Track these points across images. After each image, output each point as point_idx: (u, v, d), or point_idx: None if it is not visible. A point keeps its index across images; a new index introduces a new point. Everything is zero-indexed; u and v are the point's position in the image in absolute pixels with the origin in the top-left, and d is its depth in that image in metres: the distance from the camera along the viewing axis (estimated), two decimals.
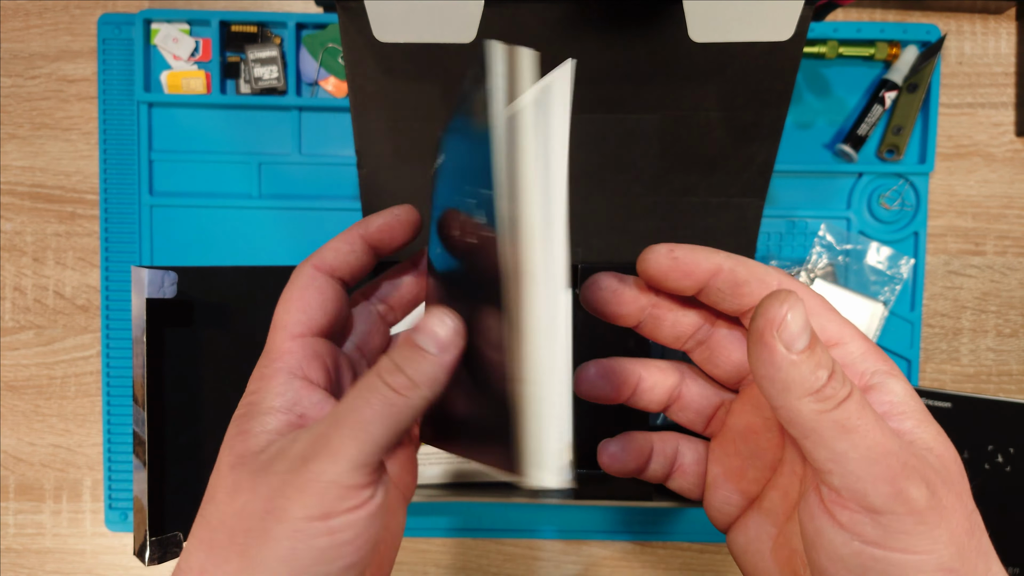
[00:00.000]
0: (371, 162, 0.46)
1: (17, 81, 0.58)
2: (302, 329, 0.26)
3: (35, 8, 0.58)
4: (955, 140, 0.58)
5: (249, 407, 0.26)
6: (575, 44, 0.41)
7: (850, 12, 0.57)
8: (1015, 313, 0.58)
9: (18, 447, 0.60)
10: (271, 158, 0.57)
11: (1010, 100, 0.58)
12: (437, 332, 0.24)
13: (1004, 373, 0.58)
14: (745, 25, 0.35)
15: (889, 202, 0.57)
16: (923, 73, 0.55)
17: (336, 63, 0.56)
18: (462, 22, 0.35)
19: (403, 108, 0.44)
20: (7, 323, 0.59)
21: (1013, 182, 0.58)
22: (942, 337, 0.58)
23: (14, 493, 0.60)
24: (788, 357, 0.21)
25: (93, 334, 0.59)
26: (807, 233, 0.57)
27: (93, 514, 0.60)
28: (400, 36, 0.36)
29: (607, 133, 0.45)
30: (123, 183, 0.57)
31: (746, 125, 0.44)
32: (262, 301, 0.45)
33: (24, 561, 0.60)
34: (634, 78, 0.43)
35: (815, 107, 0.57)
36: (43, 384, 0.59)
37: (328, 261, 0.27)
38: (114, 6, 0.58)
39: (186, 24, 0.56)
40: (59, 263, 0.59)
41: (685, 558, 0.59)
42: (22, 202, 0.59)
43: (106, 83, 0.57)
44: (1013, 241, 0.58)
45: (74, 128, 0.58)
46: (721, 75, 0.43)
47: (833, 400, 0.21)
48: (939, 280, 0.58)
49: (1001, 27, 0.58)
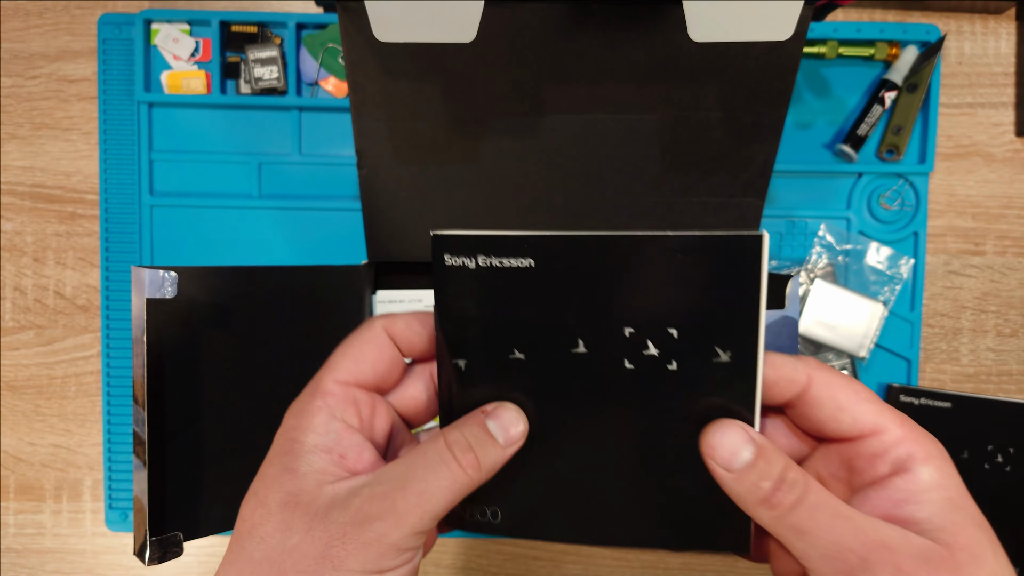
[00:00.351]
0: (371, 162, 0.46)
1: (17, 81, 0.58)
2: (348, 377, 0.27)
3: (35, 8, 0.58)
4: (955, 140, 0.58)
5: (291, 443, 0.26)
6: (575, 44, 0.41)
7: (850, 12, 0.57)
8: (1015, 313, 0.58)
9: (18, 447, 0.60)
10: (271, 158, 0.57)
11: (1010, 100, 0.58)
12: (510, 428, 0.26)
13: (1004, 373, 0.58)
14: (745, 25, 0.35)
15: (889, 202, 0.57)
16: (923, 73, 0.55)
17: (336, 63, 0.56)
18: (462, 22, 0.35)
19: (403, 108, 0.44)
20: (7, 323, 0.59)
21: (1013, 182, 0.58)
22: (942, 337, 0.58)
23: (14, 493, 0.60)
24: (727, 475, 0.24)
25: (93, 334, 0.59)
26: (807, 233, 0.57)
27: (93, 514, 0.60)
28: (400, 36, 0.36)
29: (607, 132, 0.45)
30: (123, 183, 0.57)
31: (746, 125, 0.44)
32: (262, 301, 0.45)
33: (24, 561, 0.60)
34: (634, 78, 0.43)
35: (815, 107, 0.57)
36: (43, 384, 0.59)
37: (398, 328, 0.28)
38: (114, 6, 0.58)
39: (186, 24, 0.56)
40: (59, 263, 0.59)
41: (685, 558, 0.59)
42: (22, 202, 0.59)
43: (106, 83, 0.57)
44: (1013, 241, 0.58)
45: (74, 128, 0.58)
46: (721, 75, 0.43)
47: (782, 507, 0.23)
48: (939, 280, 0.58)
49: (1001, 27, 0.58)
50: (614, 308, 0.25)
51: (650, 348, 0.25)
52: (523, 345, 0.26)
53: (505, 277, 0.26)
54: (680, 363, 0.25)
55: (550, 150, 0.45)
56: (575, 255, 0.25)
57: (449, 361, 0.27)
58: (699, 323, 0.25)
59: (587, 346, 0.26)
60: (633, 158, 0.46)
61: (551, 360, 0.26)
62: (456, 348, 0.27)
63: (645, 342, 0.25)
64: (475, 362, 0.27)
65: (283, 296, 0.46)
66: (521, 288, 0.26)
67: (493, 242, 0.25)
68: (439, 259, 0.26)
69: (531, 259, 0.25)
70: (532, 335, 0.26)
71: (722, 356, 0.24)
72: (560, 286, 0.25)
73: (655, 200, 0.47)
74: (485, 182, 0.47)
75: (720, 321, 0.24)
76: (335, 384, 0.27)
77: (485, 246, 0.25)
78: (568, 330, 0.26)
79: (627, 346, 0.25)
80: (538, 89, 0.43)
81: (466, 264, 0.26)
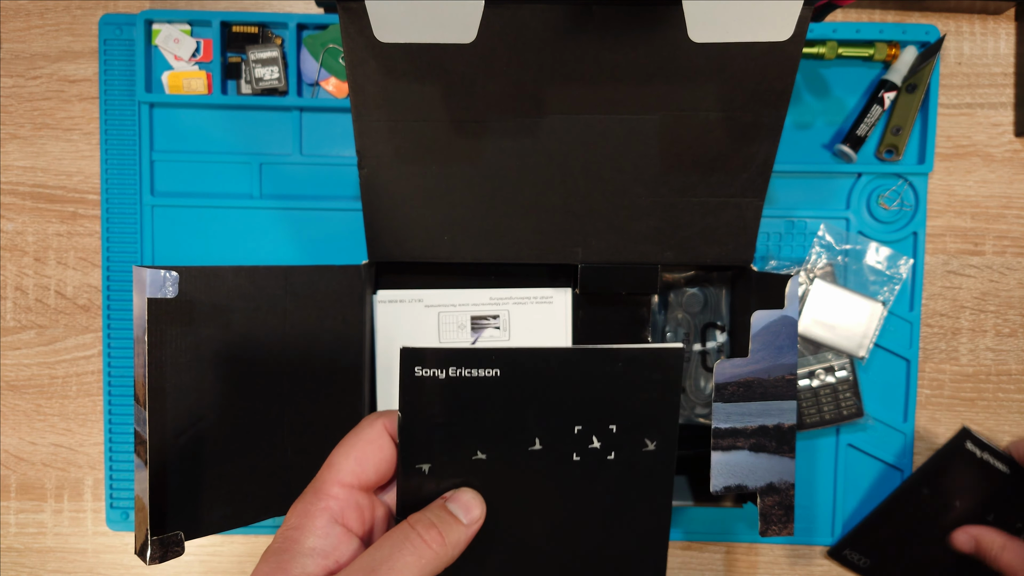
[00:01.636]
0: (372, 162, 0.46)
1: (18, 81, 0.59)
2: (352, 480, 0.28)
3: (36, 8, 0.59)
4: (954, 140, 0.58)
5: (289, 543, 0.27)
6: (575, 45, 0.42)
7: (849, 13, 0.58)
8: (1014, 313, 0.58)
9: (19, 446, 0.60)
10: (272, 158, 0.57)
11: (1009, 100, 0.58)
12: (471, 508, 0.28)
13: (1003, 373, 0.58)
14: (744, 25, 0.35)
15: (888, 202, 0.57)
16: (922, 73, 0.55)
17: (337, 63, 0.56)
18: (463, 22, 0.35)
19: (404, 108, 0.44)
20: (9, 323, 0.59)
21: (1012, 182, 0.58)
22: (941, 337, 0.58)
23: (15, 492, 0.60)
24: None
25: (94, 334, 0.59)
26: (806, 233, 0.57)
27: (94, 513, 0.60)
28: (401, 36, 0.36)
29: (607, 132, 0.45)
30: (124, 183, 0.58)
31: (745, 125, 0.44)
32: (263, 301, 0.45)
33: (25, 560, 0.60)
34: (634, 78, 0.43)
35: (814, 107, 0.57)
36: (44, 384, 0.60)
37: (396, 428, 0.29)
38: (115, 6, 0.58)
39: (187, 25, 0.57)
40: (60, 263, 0.59)
41: (685, 557, 0.59)
42: (23, 202, 0.59)
43: (107, 83, 0.57)
44: (1012, 241, 0.58)
45: (75, 128, 0.59)
46: (720, 75, 0.43)
47: None
48: (938, 280, 0.58)
49: (1000, 27, 0.58)
50: (567, 409, 0.29)
51: (594, 442, 0.29)
52: (485, 446, 0.29)
53: (473, 386, 0.28)
54: (617, 453, 0.29)
55: (550, 150, 0.46)
56: (537, 365, 0.28)
57: (412, 465, 0.29)
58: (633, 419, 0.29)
59: (542, 443, 0.29)
60: (633, 158, 0.46)
61: (509, 457, 0.29)
62: (420, 453, 0.29)
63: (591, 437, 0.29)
64: (438, 465, 0.29)
65: (284, 296, 0.46)
66: (487, 395, 0.28)
67: (463, 355, 0.28)
68: (408, 371, 0.28)
69: (497, 369, 0.28)
70: (494, 437, 0.29)
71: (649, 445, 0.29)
72: (522, 392, 0.29)
73: (655, 200, 0.47)
74: (485, 182, 0.47)
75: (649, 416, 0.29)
76: (339, 487, 0.28)
77: (456, 359, 0.28)
78: (528, 430, 0.29)
79: (575, 441, 0.29)
80: (538, 89, 0.43)
81: (436, 375, 0.28)
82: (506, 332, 0.53)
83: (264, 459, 0.45)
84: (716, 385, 0.45)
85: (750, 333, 0.45)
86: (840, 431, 0.57)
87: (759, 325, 0.45)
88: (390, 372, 0.53)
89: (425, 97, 0.44)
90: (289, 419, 0.46)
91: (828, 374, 0.55)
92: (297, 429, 0.47)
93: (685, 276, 0.56)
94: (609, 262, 0.49)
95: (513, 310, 0.53)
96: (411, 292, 0.53)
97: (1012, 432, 0.58)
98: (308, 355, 0.47)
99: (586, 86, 0.43)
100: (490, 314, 0.53)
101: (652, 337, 0.55)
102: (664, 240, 0.49)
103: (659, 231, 0.48)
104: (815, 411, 0.56)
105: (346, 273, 0.49)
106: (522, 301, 0.53)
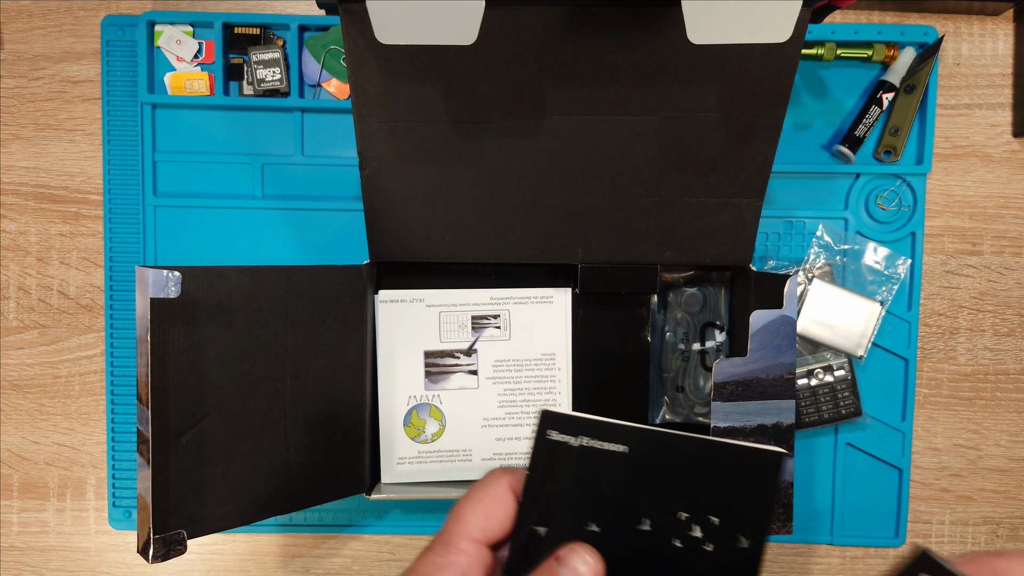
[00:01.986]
0: (373, 163, 0.47)
1: (21, 82, 0.59)
2: (480, 536, 0.29)
3: (39, 10, 0.59)
4: (952, 141, 0.58)
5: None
6: (575, 46, 0.42)
7: (848, 14, 0.58)
8: (1012, 312, 0.59)
9: (22, 446, 0.60)
10: (274, 159, 0.58)
11: (1007, 101, 0.58)
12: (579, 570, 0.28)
13: (1001, 372, 0.59)
14: (743, 27, 0.35)
15: (886, 202, 0.57)
16: (920, 74, 0.55)
17: (338, 65, 0.56)
18: (463, 24, 0.36)
19: (405, 109, 0.44)
20: (12, 322, 0.60)
21: (1010, 182, 0.58)
22: (939, 336, 0.59)
23: (18, 491, 0.60)
24: None
25: (97, 333, 0.59)
26: (805, 233, 0.57)
27: (97, 512, 0.60)
28: (402, 38, 0.36)
29: (607, 133, 0.45)
30: (127, 184, 0.58)
31: (744, 126, 0.45)
32: (264, 301, 0.45)
33: (28, 559, 0.60)
34: (634, 79, 0.43)
35: (813, 108, 0.57)
36: (47, 383, 0.60)
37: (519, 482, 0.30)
38: (117, 8, 0.59)
39: (189, 26, 0.57)
40: (63, 263, 0.59)
41: None
42: (26, 202, 0.59)
43: (110, 84, 0.58)
44: (1010, 241, 0.58)
45: (78, 129, 0.59)
46: (720, 76, 0.43)
47: None
48: (936, 280, 0.59)
49: (999, 28, 0.58)
50: (679, 495, 0.30)
51: (695, 531, 0.30)
52: (601, 519, 0.30)
53: (601, 458, 0.30)
54: (715, 545, 0.30)
55: (550, 151, 0.46)
56: (664, 449, 0.30)
57: (530, 527, 0.30)
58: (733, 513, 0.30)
59: (651, 524, 0.30)
60: (633, 159, 0.46)
61: (619, 533, 0.30)
62: (542, 516, 0.30)
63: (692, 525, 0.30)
64: (554, 529, 0.30)
65: (286, 296, 0.46)
66: (612, 469, 0.30)
67: (600, 427, 0.30)
68: (543, 433, 0.30)
69: (626, 446, 0.30)
70: (611, 511, 0.30)
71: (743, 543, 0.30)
72: (644, 472, 0.30)
73: (654, 200, 0.48)
74: (486, 183, 0.47)
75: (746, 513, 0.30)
76: (468, 542, 0.29)
77: (590, 429, 0.30)
78: (640, 509, 0.30)
79: (680, 527, 0.30)
80: (538, 90, 0.44)
81: (569, 442, 0.30)
82: (506, 332, 0.53)
83: (266, 458, 0.46)
84: (715, 384, 0.45)
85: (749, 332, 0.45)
86: (838, 430, 0.58)
87: (758, 325, 0.45)
88: (391, 371, 0.53)
89: (426, 98, 0.44)
90: (291, 418, 0.47)
91: (827, 373, 0.56)
92: (299, 428, 0.47)
93: (684, 276, 0.56)
94: (609, 262, 0.50)
95: (513, 310, 0.53)
96: (412, 292, 0.53)
97: (1011, 432, 0.59)
98: (310, 354, 0.48)
99: (586, 87, 0.43)
100: (491, 314, 0.53)
101: (652, 337, 0.56)
102: (663, 240, 0.49)
103: (659, 231, 0.49)
104: (813, 410, 0.56)
105: (348, 273, 0.49)
106: (522, 301, 0.53)
